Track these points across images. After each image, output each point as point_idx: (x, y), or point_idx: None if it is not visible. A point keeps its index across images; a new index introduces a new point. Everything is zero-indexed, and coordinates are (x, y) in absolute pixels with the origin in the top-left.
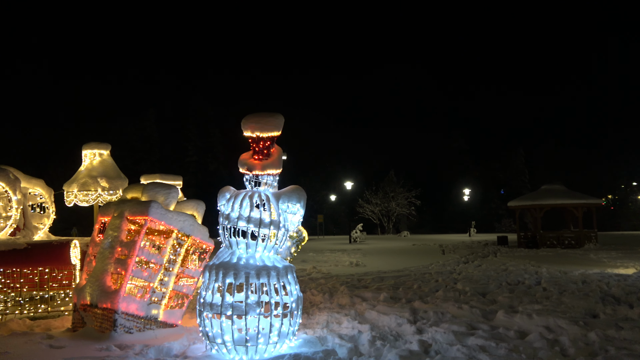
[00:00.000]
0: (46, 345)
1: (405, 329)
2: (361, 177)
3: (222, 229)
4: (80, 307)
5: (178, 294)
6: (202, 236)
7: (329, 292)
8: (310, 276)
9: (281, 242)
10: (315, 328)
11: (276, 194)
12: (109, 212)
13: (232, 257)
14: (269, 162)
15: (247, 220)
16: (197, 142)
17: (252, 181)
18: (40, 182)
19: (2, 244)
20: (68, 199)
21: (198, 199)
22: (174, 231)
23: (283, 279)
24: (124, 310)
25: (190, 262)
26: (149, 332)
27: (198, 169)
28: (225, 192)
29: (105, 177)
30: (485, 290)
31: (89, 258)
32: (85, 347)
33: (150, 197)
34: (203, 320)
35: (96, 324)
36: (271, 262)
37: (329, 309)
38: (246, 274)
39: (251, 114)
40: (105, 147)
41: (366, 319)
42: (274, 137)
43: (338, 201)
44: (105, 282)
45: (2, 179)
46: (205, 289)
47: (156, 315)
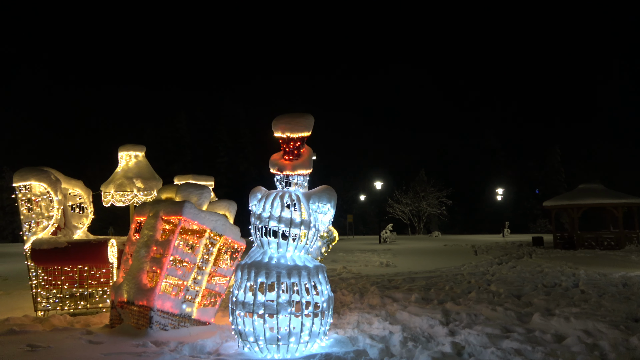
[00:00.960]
0: (86, 340)
1: (437, 330)
2: (391, 177)
3: (254, 228)
4: (117, 304)
5: (211, 293)
6: (234, 236)
7: (359, 292)
8: (340, 276)
9: (312, 242)
10: (346, 328)
11: (307, 194)
12: (145, 212)
13: (264, 256)
14: (300, 163)
15: (278, 220)
16: (228, 143)
17: (283, 181)
18: (79, 183)
19: (45, 243)
20: (105, 199)
21: (230, 199)
22: (207, 231)
23: (314, 279)
24: (159, 308)
25: (222, 261)
26: (183, 329)
27: (229, 169)
28: (256, 192)
29: (140, 178)
30: (520, 292)
31: (126, 257)
32: (123, 343)
33: (183, 198)
34: (235, 318)
35: (133, 321)
36: (302, 261)
37: (359, 309)
38: (277, 273)
39: (281, 115)
40: (140, 149)
41: (397, 320)
42: (304, 137)
43: (367, 201)
44: (142, 280)
45: (44, 180)
46: (237, 288)
47: (190, 313)
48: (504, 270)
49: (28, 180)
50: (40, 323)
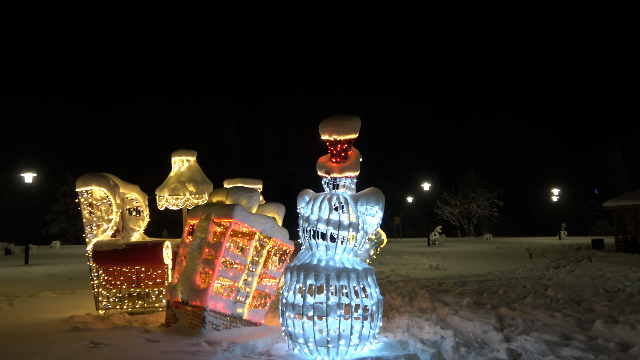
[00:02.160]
0: (144, 338)
1: (491, 336)
2: (438, 178)
3: (302, 231)
4: (172, 304)
5: (261, 294)
6: (282, 238)
7: (408, 295)
8: (388, 279)
9: (360, 244)
10: (395, 332)
11: (354, 196)
12: (197, 215)
13: (313, 258)
14: (347, 165)
15: (327, 222)
16: (275, 146)
17: (331, 184)
18: (136, 188)
19: (105, 245)
20: (160, 202)
21: (278, 202)
22: (256, 233)
23: (363, 282)
24: (212, 308)
25: (272, 263)
26: (234, 329)
27: (276, 172)
28: (304, 195)
29: (192, 182)
30: (580, 297)
31: (180, 258)
32: (178, 341)
33: (234, 201)
34: (285, 320)
35: (187, 321)
36: (351, 264)
37: (409, 313)
38: (326, 275)
39: (328, 118)
40: (192, 154)
41: (449, 325)
42: (352, 139)
43: (415, 203)
44: (195, 281)
45: (104, 185)
46: (287, 290)
47: (241, 314)
48: (561, 274)
49: (89, 185)
50: (101, 321)
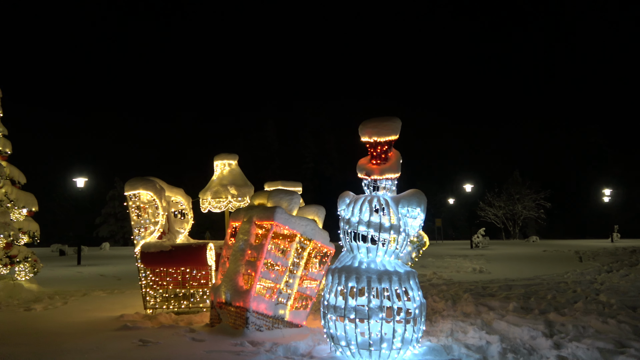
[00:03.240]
0: (189, 338)
1: (540, 342)
2: (481, 179)
3: (343, 233)
4: (216, 305)
5: (302, 296)
6: (323, 240)
7: (451, 299)
8: (430, 282)
9: (402, 246)
10: (439, 336)
11: (395, 198)
12: (239, 218)
13: (354, 261)
14: (387, 167)
15: (367, 224)
16: (313, 149)
17: (371, 186)
18: (180, 191)
19: (152, 246)
20: (203, 205)
21: (319, 204)
22: (297, 235)
23: (405, 284)
24: (254, 309)
25: (312, 265)
26: (276, 330)
27: (315, 175)
28: (345, 197)
29: (234, 185)
30: (636, 303)
31: (223, 260)
32: (222, 341)
33: (275, 203)
34: (327, 322)
35: (231, 321)
36: (392, 266)
37: (452, 317)
38: (368, 278)
39: (368, 119)
40: (233, 158)
41: (495, 330)
42: (392, 141)
43: (457, 204)
44: (238, 282)
45: (150, 189)
46: (328, 292)
47: (283, 315)
48: (614, 278)
49: (137, 189)
50: (149, 320)
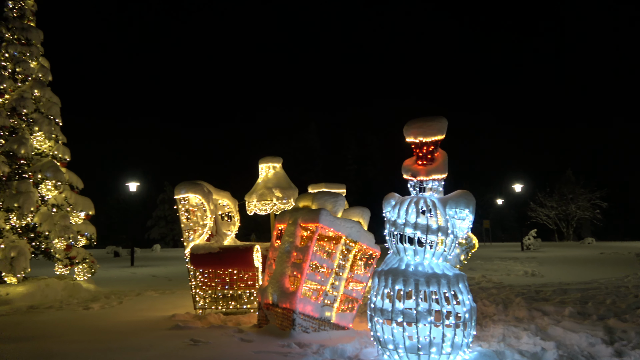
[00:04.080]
0: (238, 338)
1: (599, 349)
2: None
3: (389, 235)
4: (264, 306)
5: (348, 298)
6: (368, 242)
7: (502, 303)
8: (479, 285)
9: (450, 249)
10: (490, 341)
11: (442, 199)
12: (285, 220)
13: (401, 263)
14: (434, 167)
15: (414, 226)
16: (356, 150)
17: (417, 187)
18: (227, 194)
19: (201, 248)
20: (249, 208)
21: (363, 206)
22: (342, 237)
23: (454, 288)
24: (301, 311)
25: (358, 267)
26: (323, 332)
27: (357, 177)
28: (390, 199)
29: (279, 187)
30: None
31: (270, 261)
32: (270, 342)
33: (319, 205)
34: (374, 325)
35: (278, 322)
36: (440, 269)
37: (504, 322)
38: (415, 280)
39: (413, 119)
40: (277, 161)
41: (550, 336)
42: (438, 141)
43: (506, 205)
44: (284, 284)
45: (199, 192)
46: (375, 295)
47: (329, 318)
48: None
49: (186, 193)
50: (199, 320)
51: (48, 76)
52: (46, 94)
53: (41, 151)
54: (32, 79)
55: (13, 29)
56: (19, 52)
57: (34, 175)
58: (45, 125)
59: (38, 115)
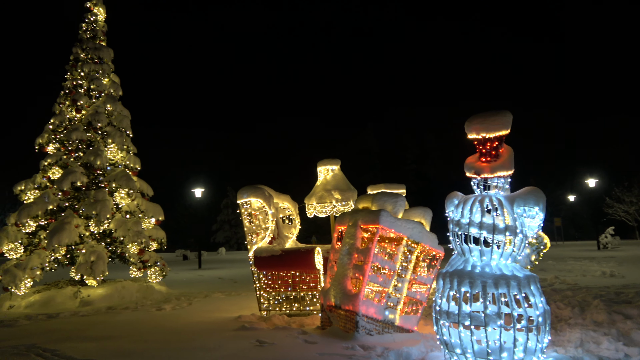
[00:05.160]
0: (302, 340)
1: None
2: (606, 173)
3: (453, 235)
4: (326, 308)
5: (412, 300)
6: (431, 243)
7: (578, 306)
8: (552, 287)
9: (519, 249)
10: (567, 347)
11: (510, 197)
12: (345, 222)
13: (466, 264)
14: (499, 164)
15: (479, 226)
16: (414, 150)
17: (481, 185)
18: (287, 197)
19: (264, 251)
20: (309, 211)
21: (424, 206)
22: (404, 238)
23: (525, 290)
24: (364, 313)
25: (421, 269)
26: (387, 335)
27: (417, 176)
28: (453, 198)
29: (338, 189)
30: None
31: (331, 263)
32: (334, 344)
33: (379, 206)
34: (440, 328)
35: (341, 324)
36: (510, 270)
37: (581, 326)
38: (483, 282)
39: (475, 115)
40: (336, 163)
41: (634, 341)
42: (502, 136)
43: (578, 201)
44: (346, 286)
45: (260, 196)
46: (440, 297)
47: (393, 320)
48: None
49: (248, 197)
50: (264, 321)
51: (119, 91)
52: (117, 108)
53: (114, 162)
54: (105, 94)
55: (87, 49)
56: (92, 71)
57: (108, 185)
58: (117, 137)
59: (111, 128)
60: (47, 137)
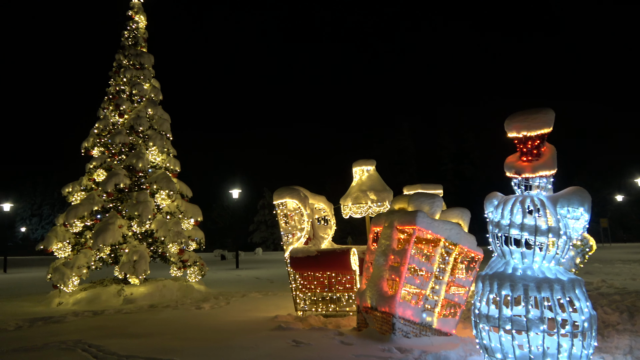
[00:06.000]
0: (338, 341)
1: None
2: None
3: (493, 237)
4: (362, 309)
5: (450, 303)
6: (469, 245)
7: (627, 311)
8: (599, 291)
9: (563, 251)
10: (614, 354)
11: (552, 198)
12: (380, 223)
13: (507, 267)
14: (541, 163)
15: (521, 227)
16: (451, 149)
17: (522, 185)
18: (323, 198)
19: (300, 251)
20: (344, 211)
21: (462, 207)
22: (441, 240)
23: (570, 294)
24: (400, 315)
25: (459, 271)
26: (424, 338)
27: (454, 176)
28: (492, 199)
29: (373, 190)
30: None
31: (367, 265)
32: (370, 346)
33: (416, 207)
34: (480, 332)
35: (377, 326)
36: (553, 273)
37: (630, 332)
38: (524, 286)
39: (515, 113)
40: (371, 163)
41: None
42: (544, 134)
43: (626, 201)
44: (382, 288)
45: (295, 197)
46: (479, 300)
47: (430, 323)
48: None
49: (284, 198)
50: (300, 322)
51: (159, 95)
52: (158, 111)
53: (155, 164)
54: (146, 99)
55: (129, 55)
56: (134, 76)
57: (150, 186)
58: (158, 140)
59: (152, 131)
60: (92, 141)
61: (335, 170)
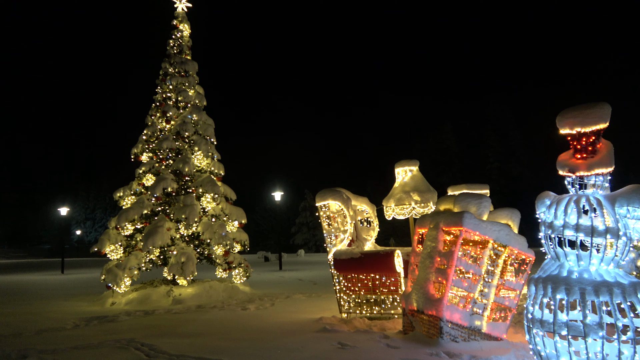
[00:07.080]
0: (384, 344)
1: None
2: None
3: (546, 238)
4: (408, 312)
5: (500, 306)
6: (520, 246)
7: None
8: None
9: (623, 253)
10: None
11: (610, 197)
12: (425, 224)
13: (561, 269)
14: (597, 160)
15: (576, 228)
16: (497, 147)
17: (577, 183)
18: (365, 200)
19: (343, 253)
20: (387, 213)
21: (510, 207)
22: (490, 241)
23: (631, 298)
24: (448, 319)
25: (510, 273)
26: (473, 342)
27: (500, 175)
28: (544, 198)
29: (417, 191)
30: None
31: (412, 267)
32: (417, 350)
33: (462, 208)
34: (533, 337)
35: (424, 329)
36: (612, 277)
37: None
38: (581, 289)
39: (568, 108)
40: (414, 164)
41: None
42: (600, 130)
43: None
44: (429, 290)
45: (338, 199)
46: (532, 304)
47: (479, 327)
48: None
49: (326, 199)
50: (345, 324)
51: (203, 101)
52: (202, 117)
53: (200, 168)
54: (191, 105)
55: (174, 63)
56: (179, 83)
57: (196, 190)
58: (203, 145)
59: (197, 137)
60: (141, 147)
61: (378, 171)
